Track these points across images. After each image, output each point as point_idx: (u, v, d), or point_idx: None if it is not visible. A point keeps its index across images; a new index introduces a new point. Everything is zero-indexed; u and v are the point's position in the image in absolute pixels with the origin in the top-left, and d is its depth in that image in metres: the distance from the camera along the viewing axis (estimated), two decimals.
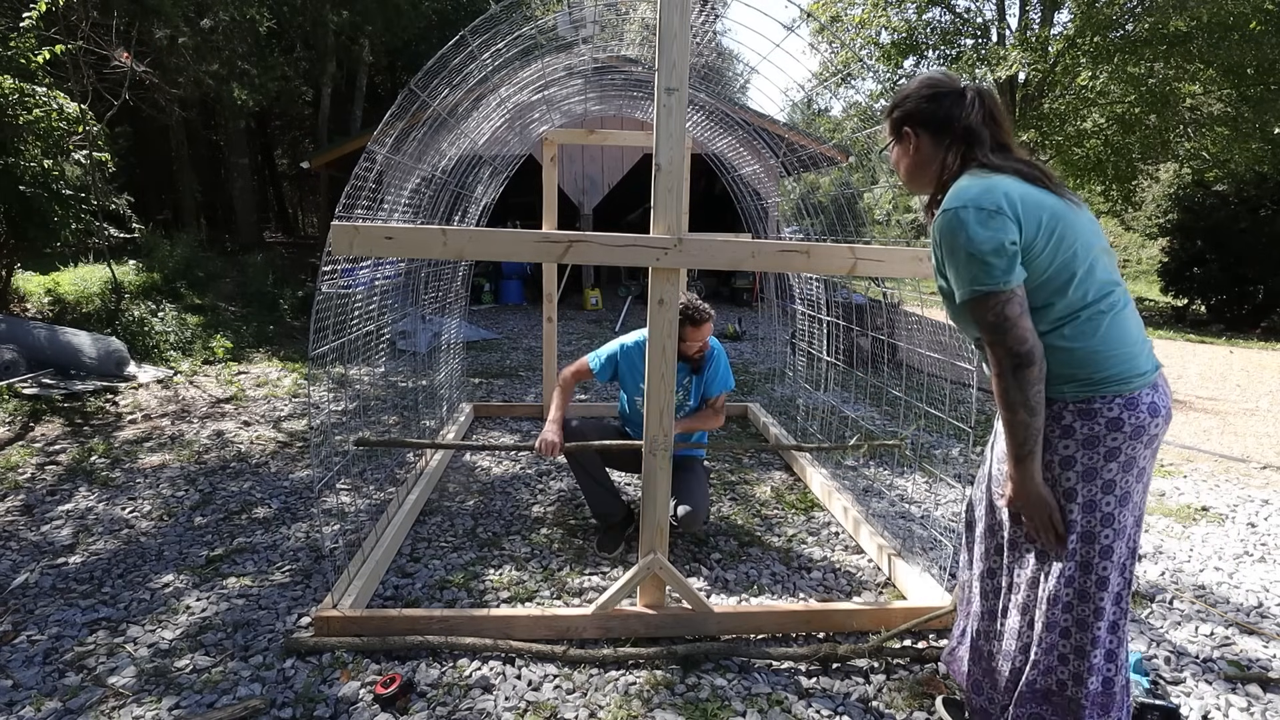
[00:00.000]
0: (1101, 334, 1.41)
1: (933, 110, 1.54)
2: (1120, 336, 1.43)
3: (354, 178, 2.59)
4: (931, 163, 1.57)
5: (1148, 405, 1.42)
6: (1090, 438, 1.43)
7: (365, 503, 3.36)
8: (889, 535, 2.94)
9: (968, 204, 1.39)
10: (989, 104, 1.52)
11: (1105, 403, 1.41)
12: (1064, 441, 1.45)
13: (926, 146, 1.57)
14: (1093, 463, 1.43)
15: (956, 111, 1.51)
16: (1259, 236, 12.28)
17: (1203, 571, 2.86)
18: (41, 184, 5.79)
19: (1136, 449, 1.43)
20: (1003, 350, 1.39)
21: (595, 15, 3.94)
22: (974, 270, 1.38)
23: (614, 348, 3.02)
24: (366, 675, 2.05)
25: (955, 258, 1.41)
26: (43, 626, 2.29)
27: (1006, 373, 1.39)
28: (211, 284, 9.48)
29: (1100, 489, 1.44)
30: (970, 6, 15.16)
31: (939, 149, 1.54)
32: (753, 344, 8.44)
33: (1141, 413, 1.42)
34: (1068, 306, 1.41)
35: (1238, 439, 4.90)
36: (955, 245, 1.40)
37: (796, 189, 7.41)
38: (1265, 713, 2.00)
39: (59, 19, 6.45)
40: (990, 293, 1.37)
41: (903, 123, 1.58)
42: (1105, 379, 1.41)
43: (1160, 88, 12.73)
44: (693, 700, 1.98)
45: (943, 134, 1.53)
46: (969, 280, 1.39)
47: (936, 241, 1.46)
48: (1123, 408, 1.41)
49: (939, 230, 1.43)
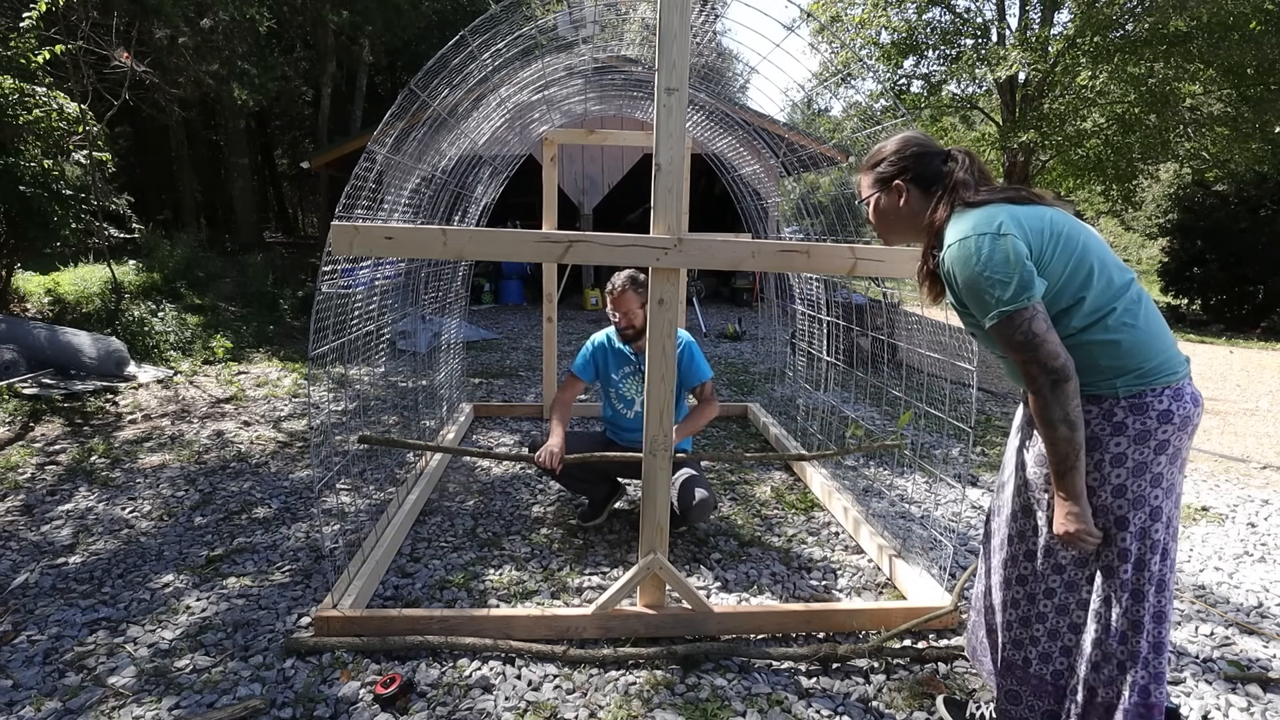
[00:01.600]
0: (1143, 322, 1.43)
1: (924, 165, 1.59)
2: (1159, 322, 1.46)
3: (354, 178, 2.59)
4: (919, 214, 1.61)
5: (1190, 395, 1.44)
6: (1142, 432, 1.42)
7: (365, 503, 3.36)
8: (889, 535, 2.94)
9: (971, 233, 1.42)
10: (977, 161, 1.59)
11: (1155, 395, 1.42)
12: (1115, 439, 1.44)
13: (915, 199, 1.61)
14: (1143, 457, 1.43)
15: (947, 166, 1.57)
16: (1259, 236, 12.29)
17: (1203, 571, 2.86)
18: (41, 184, 5.79)
19: (1183, 440, 1.45)
20: (1037, 368, 1.39)
21: (595, 15, 3.94)
22: (994, 293, 1.39)
23: (589, 349, 3.11)
24: (366, 675, 2.05)
25: (973, 286, 1.43)
26: (43, 626, 2.29)
27: (1045, 390, 1.39)
28: (211, 284, 9.48)
29: (1149, 483, 1.44)
30: (970, 6, 15.15)
31: (928, 199, 1.59)
32: (753, 344, 8.44)
33: (1187, 403, 1.43)
34: (1099, 298, 1.42)
35: (1238, 439, 4.90)
36: (970, 273, 1.42)
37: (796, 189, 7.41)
38: (1265, 713, 2.00)
39: (59, 19, 6.44)
40: (1014, 312, 1.38)
41: (894, 177, 1.62)
42: (1156, 368, 1.42)
43: (1160, 88, 12.72)
44: (693, 700, 1.98)
45: (934, 186, 1.58)
46: (992, 304, 1.40)
47: (950, 276, 1.48)
48: (1171, 399, 1.42)
49: (951, 264, 1.46)
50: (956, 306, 1.56)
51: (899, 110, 2.73)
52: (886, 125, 3.08)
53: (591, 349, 3.11)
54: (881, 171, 1.64)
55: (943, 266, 1.51)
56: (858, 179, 1.73)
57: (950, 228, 1.50)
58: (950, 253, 1.46)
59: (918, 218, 1.62)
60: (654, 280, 2.08)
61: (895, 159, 1.62)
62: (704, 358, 3.04)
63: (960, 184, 1.54)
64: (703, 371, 3.01)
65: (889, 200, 1.64)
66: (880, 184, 1.65)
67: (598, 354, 3.10)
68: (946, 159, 1.59)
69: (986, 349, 1.63)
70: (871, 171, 1.67)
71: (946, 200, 1.55)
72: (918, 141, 1.63)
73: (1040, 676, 1.60)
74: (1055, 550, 1.55)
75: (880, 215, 1.68)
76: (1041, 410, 1.40)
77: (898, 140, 1.65)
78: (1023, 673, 1.63)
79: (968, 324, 1.59)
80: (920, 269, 1.69)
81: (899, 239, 1.71)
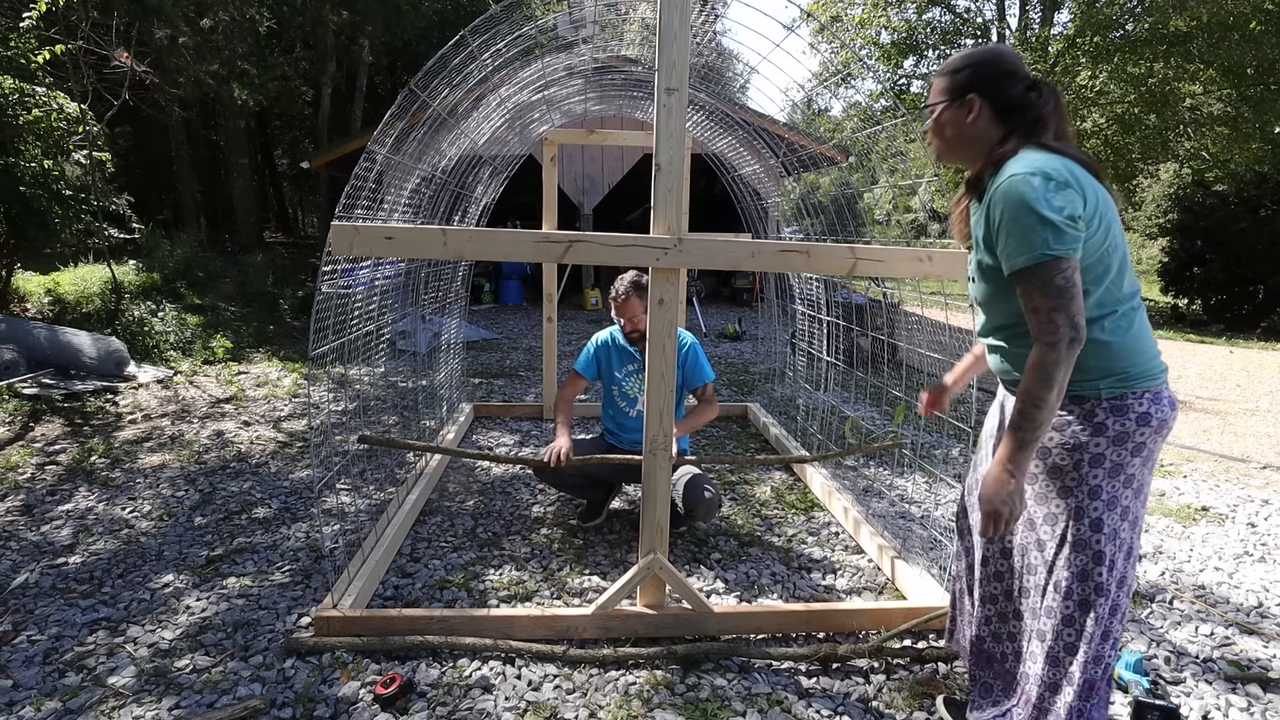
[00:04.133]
0: (1135, 330, 1.43)
1: (1007, 87, 1.48)
2: (1148, 331, 1.47)
3: (354, 178, 2.59)
4: (985, 137, 1.51)
5: (1168, 398, 1.45)
6: (1121, 434, 1.42)
7: (365, 503, 3.36)
8: (889, 535, 2.94)
9: (1038, 172, 1.35)
10: (1062, 104, 1.50)
11: (1136, 398, 1.42)
12: (1095, 440, 1.43)
13: (986, 119, 1.50)
14: (1120, 459, 1.43)
15: (1030, 97, 1.47)
16: (1259, 236, 12.28)
17: (1203, 571, 2.85)
18: (41, 184, 5.79)
19: (1156, 442, 1.45)
20: (1064, 318, 1.33)
21: (595, 15, 3.94)
22: (1045, 233, 1.33)
23: (591, 347, 3.12)
24: (366, 675, 2.04)
25: (1021, 221, 1.35)
26: (43, 626, 2.29)
27: (1062, 346, 1.33)
28: (211, 284, 9.49)
29: (1122, 484, 1.44)
30: (970, 6, 15.17)
31: (999, 126, 1.49)
32: (753, 344, 8.44)
33: (1164, 406, 1.43)
34: (1106, 296, 1.41)
35: (1238, 439, 4.90)
36: (1024, 208, 1.34)
37: (796, 189, 7.40)
38: (1265, 713, 2.00)
39: (59, 19, 6.45)
40: (1060, 256, 1.32)
41: (970, 88, 1.50)
42: (1140, 374, 1.42)
43: (1160, 88, 12.73)
44: (693, 700, 1.98)
45: (1009, 114, 1.48)
46: (1039, 243, 1.33)
47: (995, 206, 1.40)
48: (1150, 402, 1.42)
49: (1006, 193, 1.37)
50: (981, 242, 1.48)
51: (899, 110, 2.73)
52: (886, 125, 3.08)
53: (595, 347, 3.11)
54: (959, 80, 1.51)
55: (990, 194, 1.42)
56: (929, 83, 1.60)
57: (1014, 161, 1.41)
58: (1010, 182, 1.37)
59: (980, 142, 1.51)
60: (654, 280, 2.08)
61: (977, 71, 1.50)
62: (707, 360, 3.05)
63: (1040, 121, 1.46)
64: (705, 373, 3.02)
65: (956, 113, 1.52)
66: (954, 92, 1.52)
67: (600, 352, 3.11)
68: (1031, 88, 1.48)
69: (985, 301, 1.53)
70: (948, 77, 1.54)
71: (1021, 134, 1.46)
72: (1009, 60, 1.51)
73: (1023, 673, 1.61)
74: (1029, 548, 1.55)
75: (941, 127, 1.56)
76: (1048, 368, 1.33)
77: (987, 51, 1.53)
78: (1000, 667, 1.67)
79: (982, 267, 1.49)
80: (957, 203, 1.61)
81: (953, 158, 1.59)
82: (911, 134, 7.75)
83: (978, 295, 1.58)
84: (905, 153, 2.82)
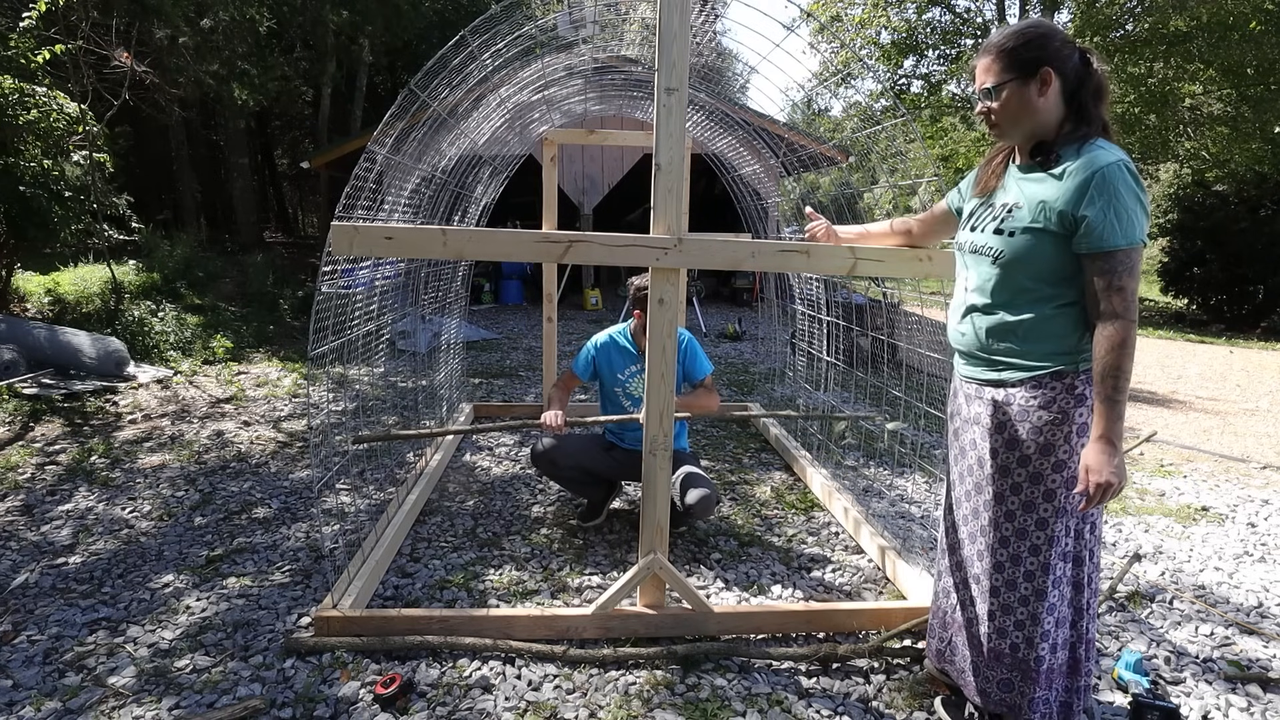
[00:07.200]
0: None
1: (1072, 61, 1.50)
2: None
3: (354, 178, 2.59)
4: (1050, 113, 1.51)
5: None
6: (1090, 404, 1.52)
7: (365, 503, 3.36)
8: (889, 535, 2.94)
9: (1127, 162, 1.43)
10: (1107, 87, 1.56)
11: (1088, 374, 1.54)
12: (1078, 409, 1.53)
13: (1054, 96, 1.50)
14: (1089, 429, 1.53)
15: (1088, 81, 1.51)
16: (1259, 236, 12.28)
17: (1203, 571, 2.86)
18: (41, 184, 5.79)
19: None
20: (1134, 300, 1.43)
21: (595, 15, 3.94)
22: (1143, 222, 1.43)
23: (590, 349, 3.10)
24: (366, 675, 2.04)
25: (1127, 207, 1.41)
26: (43, 626, 2.29)
27: (1132, 322, 1.42)
28: (211, 284, 9.49)
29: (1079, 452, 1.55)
30: (970, 6, 15.18)
31: (1065, 106, 1.51)
32: (753, 344, 8.44)
33: None
34: None
35: (1238, 439, 4.90)
36: (1131, 195, 1.42)
37: (796, 189, 7.41)
38: (1265, 713, 2.00)
39: (59, 19, 6.44)
40: (1143, 245, 1.44)
41: (1045, 62, 1.47)
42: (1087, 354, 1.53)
43: (1160, 88, 12.73)
44: (693, 700, 1.98)
45: (1075, 94, 1.51)
46: (1138, 231, 1.43)
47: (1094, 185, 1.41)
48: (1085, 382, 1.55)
49: (1110, 177, 1.40)
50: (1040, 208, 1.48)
51: (899, 110, 2.73)
52: (886, 125, 3.08)
53: (594, 349, 3.08)
54: (1026, 55, 1.47)
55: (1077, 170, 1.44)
56: (976, 64, 1.56)
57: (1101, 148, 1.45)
58: (1115, 167, 1.41)
59: (1050, 117, 1.51)
60: (654, 280, 2.08)
61: (1045, 42, 1.47)
62: (704, 353, 3.05)
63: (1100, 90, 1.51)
64: (703, 366, 3.02)
65: (1026, 89, 1.49)
66: (1023, 67, 1.48)
67: (600, 354, 3.07)
68: (1084, 59, 1.50)
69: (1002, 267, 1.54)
70: (1009, 55, 1.49)
71: (1079, 115, 1.49)
72: (1059, 30, 1.51)
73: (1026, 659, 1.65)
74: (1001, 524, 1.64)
75: (1007, 105, 1.51)
76: (1130, 344, 1.41)
77: (1040, 25, 1.51)
78: (1011, 659, 1.69)
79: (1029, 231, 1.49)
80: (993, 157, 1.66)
81: (1016, 136, 1.56)
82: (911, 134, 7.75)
83: (1002, 254, 1.55)
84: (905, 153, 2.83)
